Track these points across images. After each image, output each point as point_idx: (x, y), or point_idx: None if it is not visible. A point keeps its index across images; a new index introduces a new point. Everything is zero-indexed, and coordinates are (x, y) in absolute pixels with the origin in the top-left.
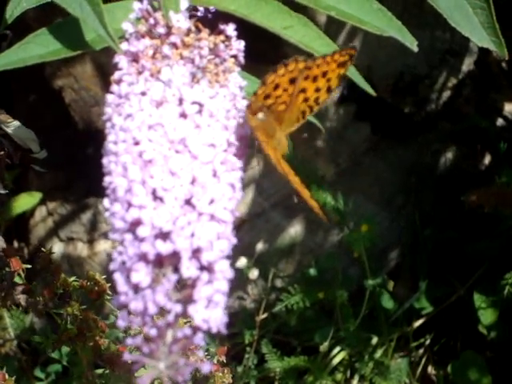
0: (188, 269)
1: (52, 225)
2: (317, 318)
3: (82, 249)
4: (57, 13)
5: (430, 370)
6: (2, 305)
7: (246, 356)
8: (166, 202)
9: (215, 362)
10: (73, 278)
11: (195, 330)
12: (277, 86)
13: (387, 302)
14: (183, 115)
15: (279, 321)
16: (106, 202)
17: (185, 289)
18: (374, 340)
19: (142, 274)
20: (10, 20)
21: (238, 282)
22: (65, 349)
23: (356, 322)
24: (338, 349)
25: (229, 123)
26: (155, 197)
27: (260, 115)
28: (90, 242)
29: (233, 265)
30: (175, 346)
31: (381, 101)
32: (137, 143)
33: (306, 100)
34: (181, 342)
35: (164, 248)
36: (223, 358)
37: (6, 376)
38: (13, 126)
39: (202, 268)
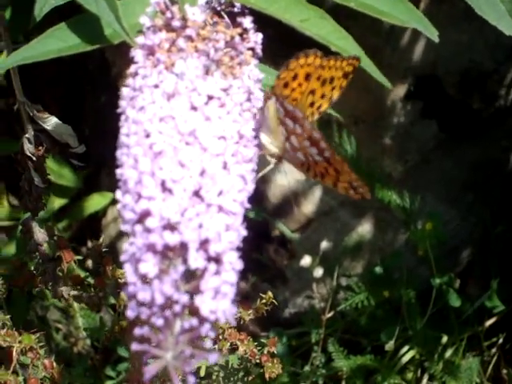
0: (195, 260)
1: None
2: (385, 317)
3: None
4: None
5: (502, 369)
6: (53, 296)
7: (313, 355)
8: (175, 194)
9: (265, 352)
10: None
11: (202, 320)
12: (295, 77)
13: (455, 301)
14: (194, 107)
15: (347, 320)
16: (118, 194)
17: (193, 280)
18: (444, 339)
19: (149, 265)
20: (38, 18)
21: (307, 281)
22: None
23: (423, 320)
24: (406, 348)
25: (241, 115)
26: (164, 188)
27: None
28: None
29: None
30: (182, 337)
31: (447, 97)
32: (148, 135)
33: (312, 104)
34: (188, 332)
35: (171, 239)
36: (273, 349)
37: (54, 364)
38: (50, 121)
39: (210, 259)
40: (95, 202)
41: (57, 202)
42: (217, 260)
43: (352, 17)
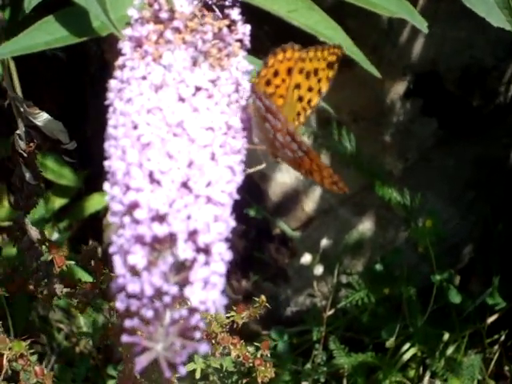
0: (184, 251)
1: None
2: (386, 315)
3: None
4: None
5: (504, 366)
6: (43, 299)
7: (315, 352)
8: (163, 185)
9: (259, 356)
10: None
11: (192, 311)
12: (276, 73)
13: (455, 297)
14: (182, 99)
15: (348, 317)
16: (106, 185)
17: (182, 271)
18: (446, 336)
19: (138, 257)
20: (28, 9)
21: (308, 279)
22: None
23: (424, 317)
24: (407, 345)
25: (229, 106)
26: (152, 180)
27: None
28: None
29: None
30: (172, 328)
31: (448, 94)
32: (135, 127)
33: (300, 99)
34: (178, 323)
35: (160, 230)
36: (267, 353)
37: (45, 371)
38: (41, 117)
39: (199, 250)
40: (96, 201)
41: (57, 202)
42: (206, 251)
43: (352, 15)
